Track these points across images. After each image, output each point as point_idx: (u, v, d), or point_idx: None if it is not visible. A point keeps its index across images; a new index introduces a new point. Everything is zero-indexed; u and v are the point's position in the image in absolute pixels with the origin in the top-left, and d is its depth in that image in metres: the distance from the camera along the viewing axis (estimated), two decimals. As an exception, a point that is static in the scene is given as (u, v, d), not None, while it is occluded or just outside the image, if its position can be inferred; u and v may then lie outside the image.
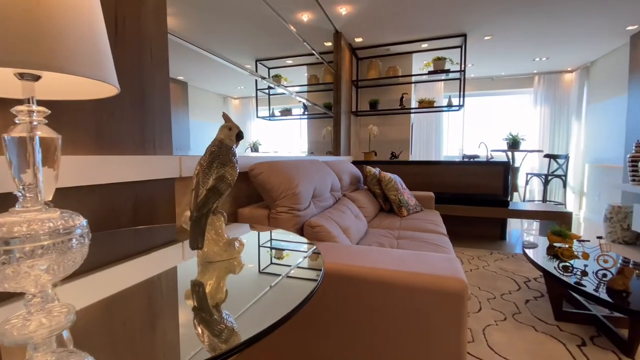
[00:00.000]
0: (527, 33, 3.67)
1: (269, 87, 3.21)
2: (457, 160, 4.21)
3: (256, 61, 4.21)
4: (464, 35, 3.66)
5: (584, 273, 1.72)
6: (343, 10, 3.06)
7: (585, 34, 3.72)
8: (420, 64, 4.36)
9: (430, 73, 3.89)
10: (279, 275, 0.72)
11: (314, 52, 3.21)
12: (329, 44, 3.78)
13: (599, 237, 1.85)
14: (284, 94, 5.02)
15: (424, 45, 4.01)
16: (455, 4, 2.96)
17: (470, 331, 1.63)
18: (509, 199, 4.61)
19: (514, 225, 4.28)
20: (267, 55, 4.27)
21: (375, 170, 2.73)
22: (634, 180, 3.26)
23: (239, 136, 0.75)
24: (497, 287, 2.19)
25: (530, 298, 2.02)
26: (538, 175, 4.95)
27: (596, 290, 1.50)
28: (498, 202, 3.19)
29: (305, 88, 4.65)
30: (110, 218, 0.97)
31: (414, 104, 4.32)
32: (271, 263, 0.81)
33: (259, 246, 0.98)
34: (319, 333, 1.08)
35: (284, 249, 0.99)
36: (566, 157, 4.74)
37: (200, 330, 0.51)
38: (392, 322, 0.99)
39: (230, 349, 0.45)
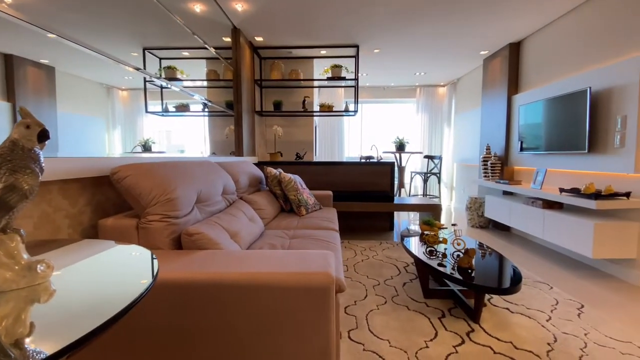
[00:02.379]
0: (408, 51, 4.23)
1: (161, 80, 2.90)
2: (355, 161, 4.56)
3: (144, 50, 3.74)
4: (357, 47, 3.98)
5: (444, 255, 2.05)
6: (239, 6, 2.97)
7: (452, 56, 4.49)
8: (321, 69, 4.57)
9: (329, 79, 4.11)
10: (103, 294, 0.63)
11: (207, 46, 3.02)
12: (229, 39, 3.63)
13: (454, 225, 2.25)
14: (187, 87, 4.58)
15: (323, 52, 4.22)
16: (347, 15, 3.18)
17: (355, 318, 1.78)
18: (395, 195, 5.20)
19: (404, 217, 4.89)
20: (157, 44, 3.84)
21: (276, 171, 2.74)
22: (485, 176, 4.08)
23: (43, 136, 0.62)
24: (382, 273, 2.46)
25: (407, 281, 2.32)
26: (420, 173, 5.76)
27: (453, 269, 1.80)
28: (386, 197, 3.58)
29: (205, 83, 4.37)
30: None
31: (316, 107, 4.50)
32: (98, 283, 0.71)
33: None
34: (188, 346, 1.01)
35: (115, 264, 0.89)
36: (440, 158, 5.65)
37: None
38: (265, 322, 1.00)
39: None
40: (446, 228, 2.58)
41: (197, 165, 1.76)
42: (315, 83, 4.62)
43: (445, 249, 2.17)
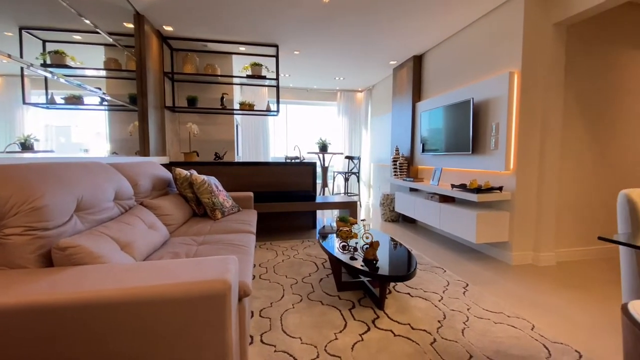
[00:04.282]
0: (327, 56, 4.38)
1: (34, 68, 2.43)
2: (278, 161, 4.54)
3: (20, 29, 3.10)
4: (276, 46, 3.97)
5: (355, 249, 2.18)
6: (141, -10, 2.67)
7: (366, 64, 4.81)
8: (241, 66, 4.42)
9: (249, 77, 4.00)
10: None
11: (98, 30, 2.66)
12: (132, 25, 3.25)
13: (363, 220, 2.41)
14: (74, 75, 3.95)
15: (242, 49, 4.09)
16: (264, 13, 3.14)
17: (270, 320, 1.76)
18: (319, 194, 5.35)
19: (329, 215, 5.05)
20: (38, 24, 3.22)
21: (187, 172, 2.55)
22: (395, 175, 4.47)
23: None
24: (301, 272, 2.49)
25: (324, 276, 2.40)
26: (341, 173, 6.04)
27: (362, 263, 1.92)
28: (308, 196, 3.65)
29: (103, 73, 3.82)
30: None
31: (236, 106, 4.34)
32: None
33: None
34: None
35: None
36: (359, 158, 6.01)
37: None
38: (154, 342, 0.91)
39: None
40: (354, 222, 2.75)
41: (82, 167, 1.52)
42: (236, 80, 4.45)
43: (357, 243, 2.31)
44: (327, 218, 4.78)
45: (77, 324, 0.87)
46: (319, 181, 6.24)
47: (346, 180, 5.86)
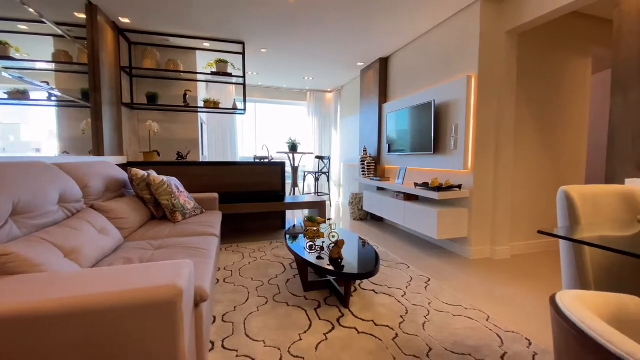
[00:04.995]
0: (295, 55, 4.36)
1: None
2: (245, 161, 4.44)
3: (-50, 16, 2.79)
4: (243, 43, 3.88)
5: (321, 249, 2.18)
6: (92, -23, 2.49)
7: (335, 64, 4.84)
8: (205, 62, 4.27)
9: (213, 74, 3.87)
10: None
11: (44, 19, 2.45)
12: (83, 16, 3.03)
13: (329, 219, 2.42)
14: (17, 68, 3.63)
15: (207, 45, 3.95)
16: (229, 8, 3.05)
17: (233, 324, 1.71)
18: (289, 194, 5.32)
19: (300, 215, 5.02)
20: (-28, 9, 2.91)
21: (144, 173, 2.41)
22: (363, 174, 4.54)
23: None
24: (268, 273, 2.45)
25: (291, 277, 2.38)
26: (312, 173, 6.04)
27: (327, 262, 1.92)
28: (277, 197, 3.60)
29: (53, 66, 3.53)
30: None
31: (201, 103, 4.19)
32: None
33: None
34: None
35: None
36: (329, 158, 6.04)
37: None
38: (97, 356, 0.84)
39: None
40: (322, 222, 2.75)
41: (20, 167, 1.38)
42: (201, 77, 4.29)
43: (323, 242, 2.31)
44: (297, 218, 4.76)
45: (10, 340, 0.78)
46: (289, 181, 6.20)
47: (316, 180, 5.87)
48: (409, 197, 3.42)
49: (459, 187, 2.93)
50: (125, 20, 3.33)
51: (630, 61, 1.89)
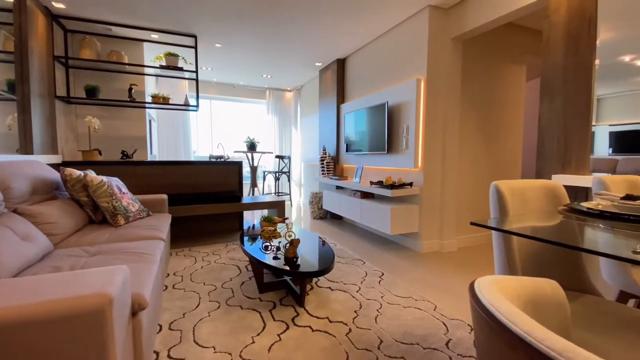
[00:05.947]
0: (252, 52, 4.26)
1: None
2: (200, 160, 4.25)
3: None
4: (195, 37, 3.71)
5: (278, 249, 2.15)
6: (14, -47, 2.21)
7: (293, 63, 4.81)
8: (154, 55, 4.01)
9: (162, 67, 3.65)
10: None
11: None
12: (7, -3, 2.68)
13: (286, 218, 2.40)
14: None
15: (155, 37, 3.72)
16: None
17: (181, 332, 1.62)
18: (248, 194, 5.19)
19: (259, 216, 4.91)
20: None
21: (80, 173, 2.20)
22: (322, 173, 4.58)
23: None
24: (222, 277, 2.36)
25: (246, 279, 2.32)
26: (272, 172, 5.96)
27: (283, 262, 1.89)
28: (233, 197, 3.49)
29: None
30: None
31: (148, 98, 3.92)
32: None
33: None
34: None
35: None
36: (289, 158, 6.00)
37: None
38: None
39: None
40: (280, 221, 2.73)
41: None
42: (149, 71, 4.02)
43: (280, 242, 2.29)
44: (257, 219, 4.66)
45: None
46: (247, 181, 6.06)
47: (277, 179, 5.80)
48: (366, 195, 3.51)
49: (410, 184, 3.07)
50: (59, 5, 3.01)
51: (556, 69, 2.11)
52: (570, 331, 0.78)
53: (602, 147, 1.94)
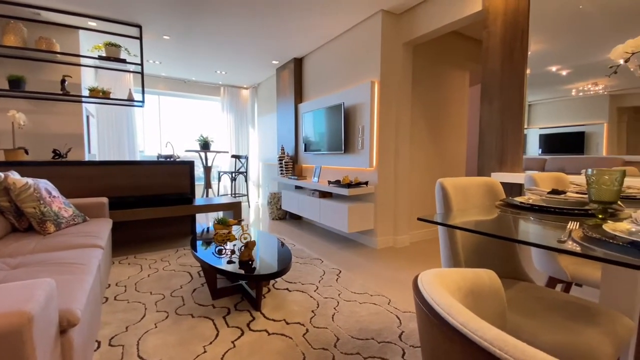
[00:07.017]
0: (203, 46, 4.06)
1: None
2: (146, 160, 3.95)
3: None
4: (140, 27, 3.44)
5: (232, 252, 2.07)
6: None
7: (248, 60, 4.68)
8: (92, 45, 3.64)
9: (101, 58, 3.33)
10: None
11: None
12: None
13: (241, 220, 2.32)
14: None
15: (93, 24, 3.38)
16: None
17: (123, 347, 1.48)
18: (202, 196, 4.96)
19: (213, 219, 4.70)
20: None
21: (0, 175, 1.92)
22: (281, 173, 4.52)
23: None
24: (171, 285, 2.22)
25: (198, 286, 2.20)
26: (228, 172, 5.75)
27: (237, 265, 1.82)
28: (184, 200, 3.30)
29: None
30: None
31: (85, 92, 3.55)
32: None
33: None
34: None
35: None
36: (246, 158, 5.84)
37: None
38: None
39: None
40: (235, 224, 2.63)
41: None
42: (87, 62, 3.65)
43: (234, 245, 2.20)
44: (212, 222, 4.45)
45: None
46: (201, 182, 5.78)
47: (233, 180, 5.61)
48: (324, 195, 3.53)
49: (366, 183, 3.15)
50: (-32, -20, 2.60)
51: (494, 75, 2.30)
52: (506, 316, 0.84)
53: (533, 148, 2.16)
